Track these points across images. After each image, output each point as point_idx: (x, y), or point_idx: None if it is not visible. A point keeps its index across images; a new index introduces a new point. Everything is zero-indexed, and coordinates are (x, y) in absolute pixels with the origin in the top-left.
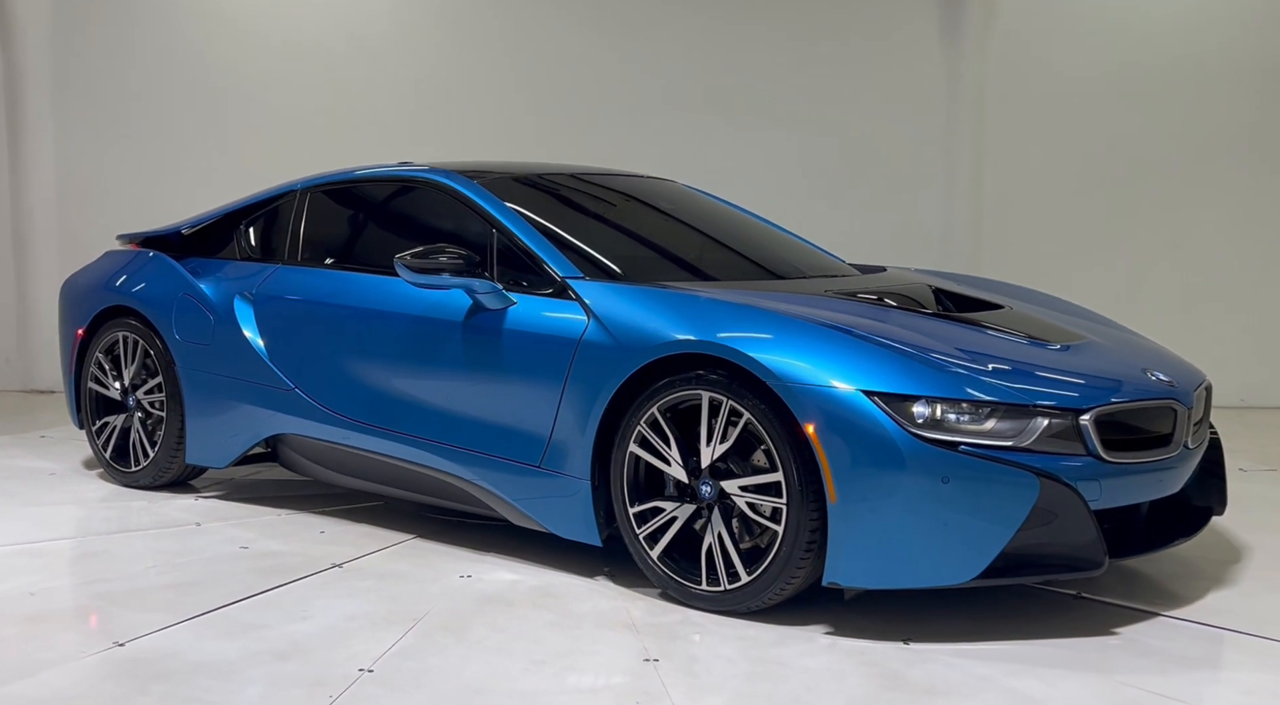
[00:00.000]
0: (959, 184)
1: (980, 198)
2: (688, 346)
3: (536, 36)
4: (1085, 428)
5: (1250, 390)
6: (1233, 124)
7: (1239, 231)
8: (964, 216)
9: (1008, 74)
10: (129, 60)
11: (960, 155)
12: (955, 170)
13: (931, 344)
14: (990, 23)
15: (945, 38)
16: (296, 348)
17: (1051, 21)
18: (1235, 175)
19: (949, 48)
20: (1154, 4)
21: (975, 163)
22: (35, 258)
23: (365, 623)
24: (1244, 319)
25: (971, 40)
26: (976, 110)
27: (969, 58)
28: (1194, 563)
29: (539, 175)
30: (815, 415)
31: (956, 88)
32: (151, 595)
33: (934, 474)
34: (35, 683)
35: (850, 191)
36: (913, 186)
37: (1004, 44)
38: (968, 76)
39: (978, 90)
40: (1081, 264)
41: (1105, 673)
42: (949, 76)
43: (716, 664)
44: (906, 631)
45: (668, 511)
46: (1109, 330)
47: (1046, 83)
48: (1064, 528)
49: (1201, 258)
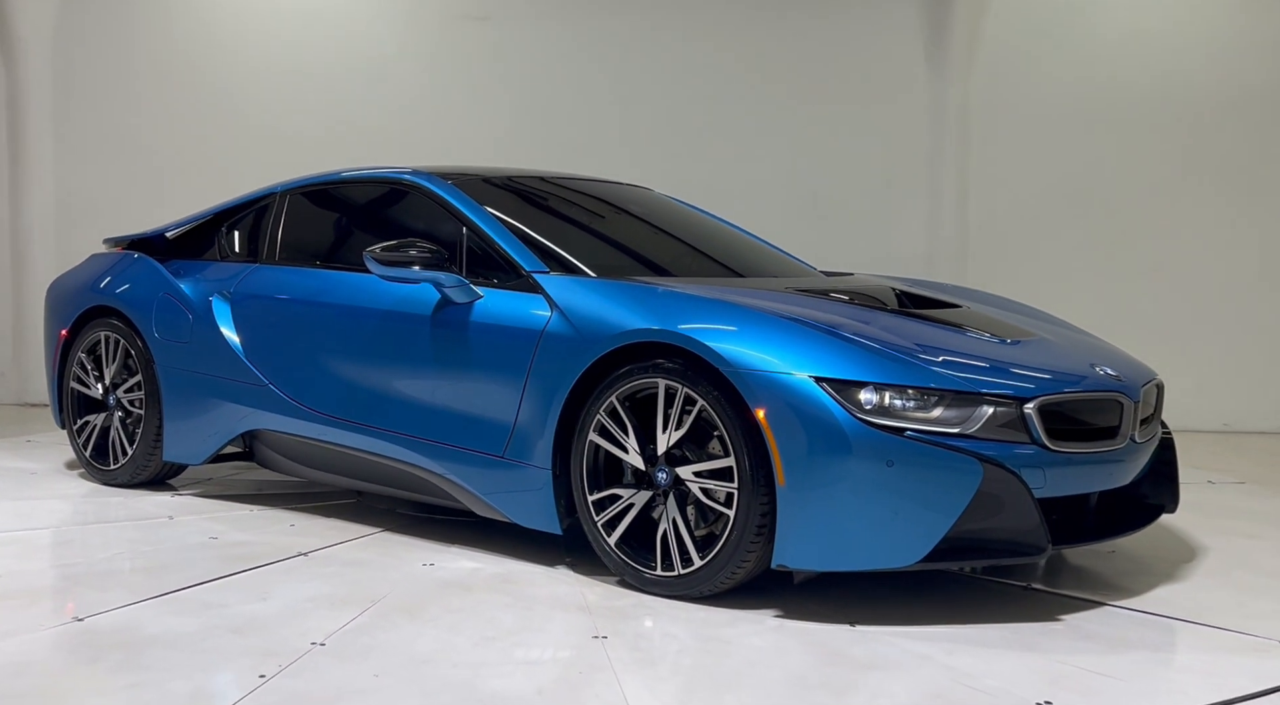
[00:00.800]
0: (944, 206)
1: (965, 219)
2: (646, 335)
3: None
4: (1030, 416)
5: (1234, 415)
6: (1214, 148)
7: (1221, 255)
8: (949, 238)
9: (992, 97)
10: (129, 78)
11: (945, 177)
12: (940, 192)
13: (882, 335)
14: (975, 47)
15: (930, 61)
16: (271, 345)
17: (1035, 46)
18: (1217, 199)
19: (934, 71)
20: (1136, 29)
21: (960, 184)
22: (32, 273)
23: (323, 603)
24: (1227, 343)
25: (956, 64)
26: (961, 133)
27: (954, 81)
28: (1146, 560)
29: (511, 177)
30: (766, 401)
31: (941, 110)
32: (116, 578)
33: (879, 458)
34: None
35: (836, 212)
36: (898, 208)
37: (988, 68)
38: (952, 99)
39: (962, 113)
40: (1064, 286)
41: (1044, 653)
42: (933, 99)
43: (663, 641)
44: (854, 616)
45: (625, 498)
46: (1062, 330)
47: (1030, 106)
48: (1008, 513)
49: (1184, 281)
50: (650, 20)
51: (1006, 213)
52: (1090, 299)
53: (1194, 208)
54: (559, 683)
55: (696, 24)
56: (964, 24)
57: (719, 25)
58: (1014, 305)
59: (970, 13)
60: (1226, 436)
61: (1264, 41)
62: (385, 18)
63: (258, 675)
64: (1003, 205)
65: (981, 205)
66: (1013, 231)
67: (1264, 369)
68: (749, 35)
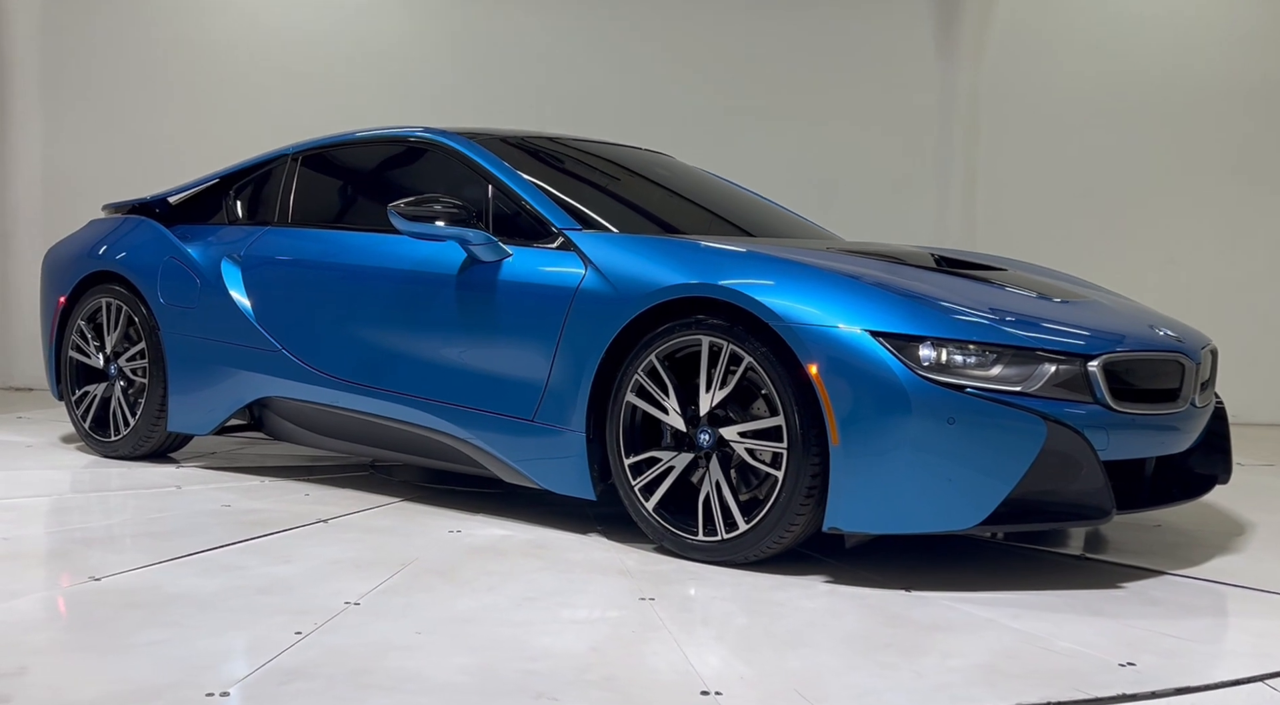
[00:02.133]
0: (952, 197)
1: (973, 215)
2: (688, 291)
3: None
4: (1094, 374)
5: (1246, 408)
6: (1224, 141)
7: (1231, 249)
8: (956, 229)
9: (1002, 86)
10: (117, 54)
11: (953, 169)
12: (949, 183)
13: (936, 292)
14: (984, 38)
15: (940, 52)
16: (284, 309)
17: (1046, 34)
18: (1227, 192)
19: (944, 62)
20: (1146, 21)
21: (968, 176)
22: (18, 253)
23: (350, 566)
24: (1239, 337)
25: (966, 52)
26: (970, 124)
27: (963, 73)
28: (1196, 533)
29: (527, 137)
30: (819, 357)
31: (950, 102)
32: (129, 541)
33: (939, 416)
34: (5, 609)
35: (844, 203)
36: (906, 200)
37: (998, 59)
38: (962, 91)
39: (971, 105)
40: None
41: (1112, 617)
42: (943, 91)
43: (712, 603)
44: (907, 581)
45: (664, 461)
46: (1111, 294)
47: (1040, 95)
48: (1071, 475)
49: (1193, 274)
50: (656, 12)
51: (1015, 203)
52: None
53: (1207, 200)
54: (612, 640)
55: (704, 10)
56: (974, 12)
57: (727, 11)
58: (1053, 272)
59: (980, 4)
60: (1240, 429)
61: (1269, 35)
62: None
63: (293, 632)
64: (1012, 195)
65: (990, 195)
66: (1022, 222)
67: (1273, 362)
68: (757, 22)
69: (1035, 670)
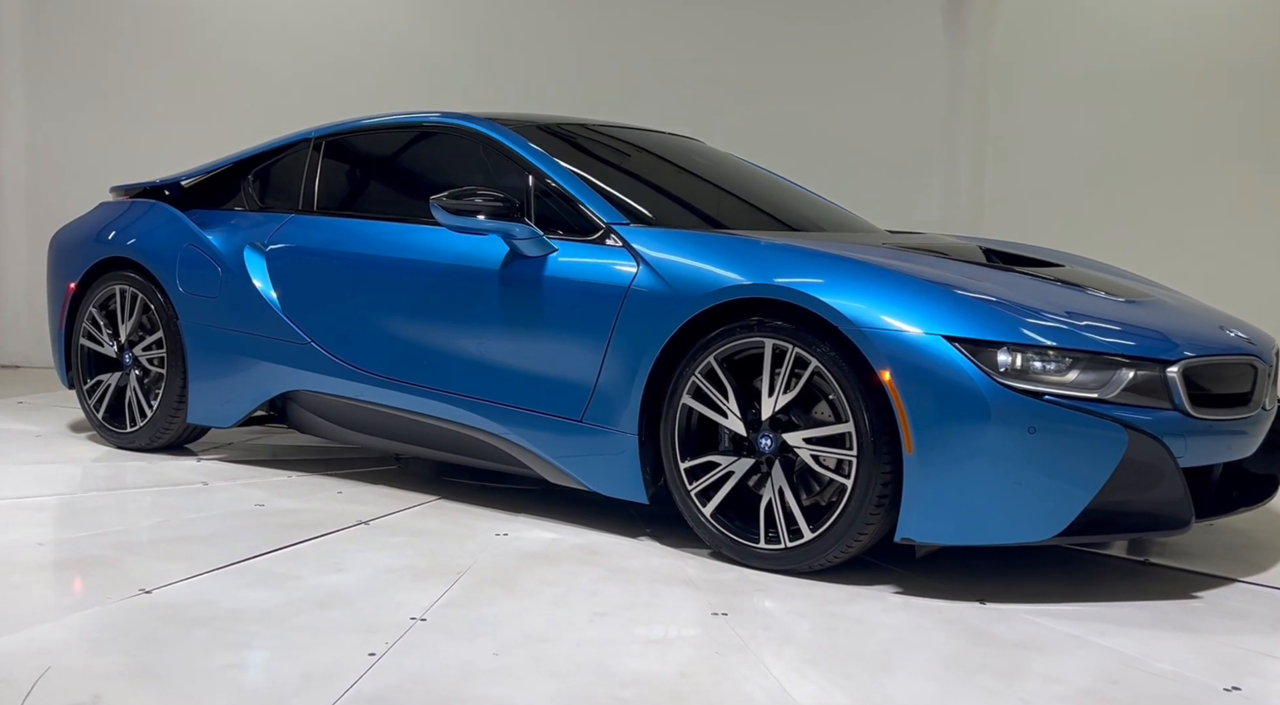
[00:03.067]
0: (960, 176)
1: (981, 194)
2: (750, 291)
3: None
4: (1173, 381)
5: None
6: (1235, 120)
7: (1240, 228)
8: (965, 208)
9: (1010, 63)
10: (102, 29)
11: (962, 147)
12: (957, 162)
13: (1007, 293)
14: (993, 15)
15: (949, 29)
16: (313, 300)
17: (1054, 14)
18: (1237, 171)
19: (952, 39)
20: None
21: (977, 154)
22: (4, 230)
23: (405, 575)
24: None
25: (975, 32)
26: (979, 102)
27: (972, 50)
28: (1252, 533)
29: (562, 124)
30: (892, 362)
31: (959, 80)
32: (170, 547)
33: (1019, 425)
34: (60, 626)
35: (852, 182)
36: (914, 178)
37: (1007, 36)
38: (970, 68)
39: (980, 83)
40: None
41: (1200, 633)
42: (952, 68)
43: (789, 619)
44: (980, 592)
45: (723, 466)
46: (1172, 294)
47: (1049, 75)
48: (1151, 484)
49: (1202, 254)
50: None
51: (1023, 181)
52: None
53: (1215, 178)
54: (698, 663)
55: None
56: None
57: None
58: (1108, 267)
59: None
60: None
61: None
62: None
63: (367, 653)
64: (1020, 173)
65: (998, 173)
66: (1029, 200)
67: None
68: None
69: (1141, 696)
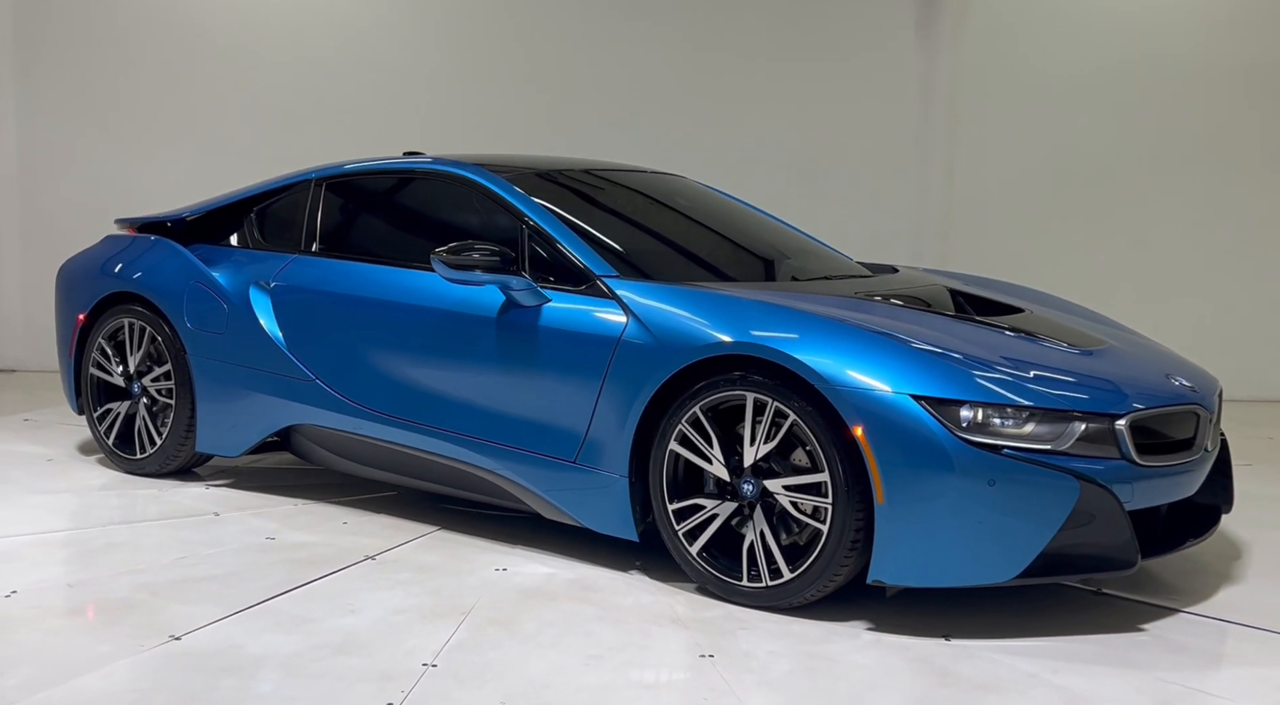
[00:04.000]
0: (932, 178)
1: (951, 196)
2: (733, 348)
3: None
4: (1121, 432)
5: None
6: (1197, 123)
7: (1203, 227)
8: (936, 209)
9: (981, 71)
10: (93, 38)
11: (934, 150)
12: (929, 164)
13: (969, 349)
14: (964, 21)
15: (921, 35)
16: (317, 339)
17: (1024, 21)
18: (1199, 173)
19: (924, 45)
20: (1122, 8)
21: (948, 157)
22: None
23: (414, 616)
24: (1206, 312)
25: (946, 38)
26: (950, 106)
27: (943, 55)
28: (1197, 558)
29: (558, 171)
30: (864, 418)
31: (931, 84)
32: (192, 587)
33: (980, 477)
34: (102, 676)
35: (826, 184)
36: (887, 180)
37: (978, 42)
38: (942, 73)
39: (951, 87)
40: (1049, 257)
41: (1143, 669)
42: (924, 73)
43: (770, 660)
44: (945, 627)
45: (708, 509)
46: (1123, 334)
47: (1018, 80)
48: (1100, 529)
49: (1166, 253)
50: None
51: (994, 184)
52: (1075, 271)
53: (1175, 181)
54: None
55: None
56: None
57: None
58: (1066, 305)
59: None
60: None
61: (1242, 20)
62: None
63: (385, 703)
64: (990, 177)
65: (969, 177)
66: (999, 203)
67: (1239, 338)
68: (740, 10)
69: None
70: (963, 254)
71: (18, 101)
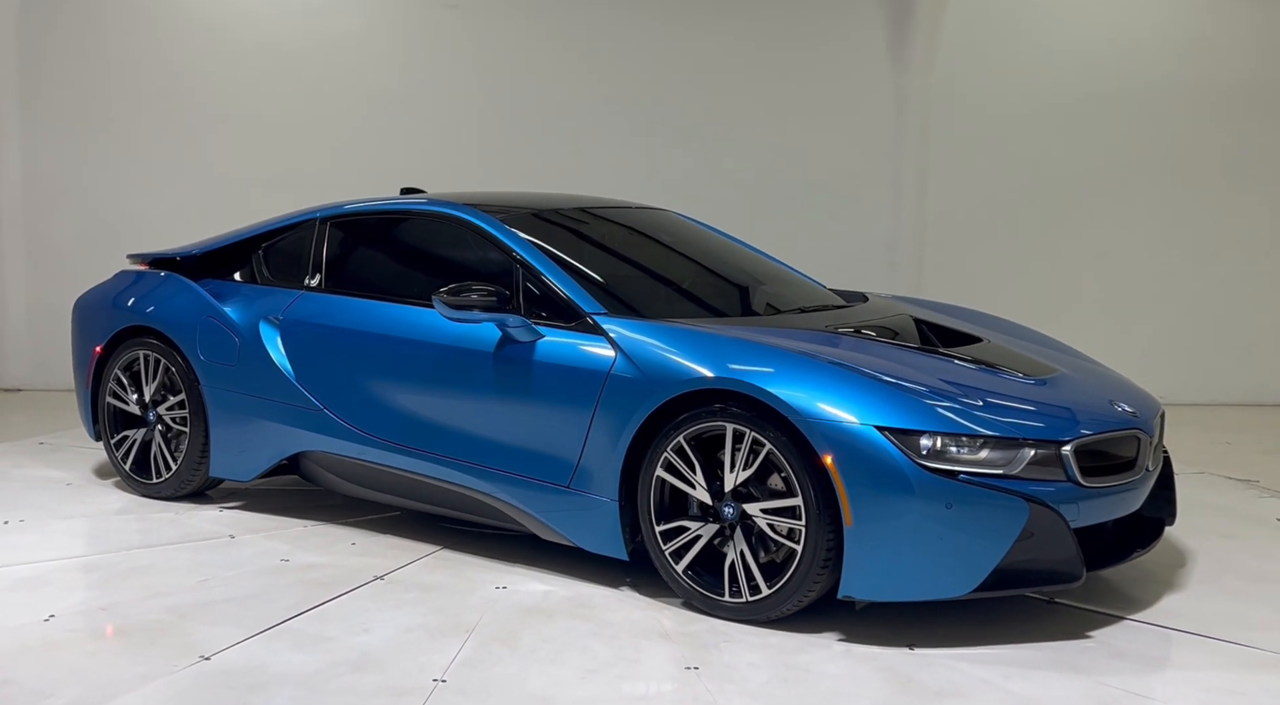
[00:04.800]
0: (905, 199)
1: (924, 211)
2: (715, 383)
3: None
4: (1066, 457)
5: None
6: (1155, 146)
7: (1162, 241)
8: (909, 229)
9: (950, 96)
10: (96, 63)
11: (906, 172)
12: (901, 186)
13: (929, 381)
14: (934, 48)
15: (892, 61)
16: (325, 371)
17: (992, 48)
18: (1157, 193)
19: (896, 70)
20: (1087, 33)
21: (920, 178)
22: (3, 259)
23: (423, 634)
24: (1163, 324)
25: (917, 64)
26: (921, 130)
27: (914, 80)
28: (1145, 567)
29: (549, 210)
30: (833, 447)
31: (903, 109)
32: (215, 609)
33: (939, 500)
34: (141, 696)
35: (802, 205)
36: (861, 201)
37: (947, 69)
38: (913, 98)
39: (922, 111)
40: (1016, 274)
41: (1087, 674)
42: (896, 98)
43: (749, 671)
44: (909, 637)
45: (692, 530)
46: (1074, 360)
47: (986, 102)
48: (1048, 546)
49: (1125, 269)
50: (616, 15)
51: (964, 202)
52: (1041, 284)
53: (1135, 199)
54: None
55: (663, 19)
56: (925, 22)
57: (686, 21)
58: (1022, 331)
59: (931, 11)
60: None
61: (1197, 46)
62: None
63: None
64: (960, 195)
65: (940, 195)
66: (969, 220)
67: (1195, 347)
68: (717, 31)
69: None
70: (934, 270)
71: (22, 128)
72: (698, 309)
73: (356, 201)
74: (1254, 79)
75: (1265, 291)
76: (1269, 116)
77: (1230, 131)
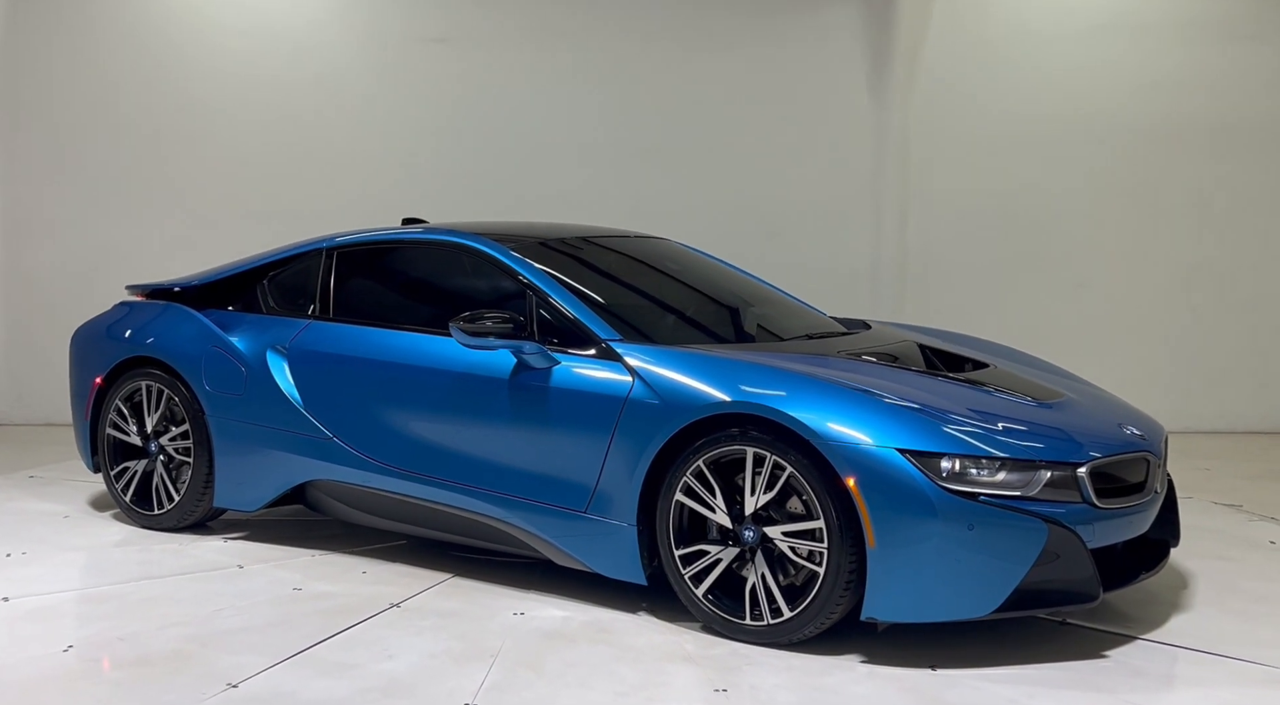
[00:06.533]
0: (886, 227)
1: (905, 239)
2: (734, 407)
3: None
4: (1082, 479)
5: None
6: (1131, 174)
7: (1138, 271)
8: (890, 256)
9: (930, 126)
10: (76, 96)
11: (886, 200)
12: (882, 214)
13: (948, 405)
14: (913, 80)
15: (873, 93)
16: (335, 400)
17: (969, 80)
18: (1133, 220)
19: (876, 102)
20: (1061, 66)
21: (900, 207)
22: None
23: (447, 660)
24: (1137, 350)
25: (897, 96)
26: (901, 159)
27: (894, 111)
28: (1149, 589)
29: (556, 239)
30: (855, 470)
31: (883, 142)
32: (235, 638)
33: (960, 521)
34: None
35: (786, 234)
36: (843, 229)
37: (926, 99)
38: (892, 132)
39: (902, 144)
40: (995, 301)
41: (1108, 693)
42: (876, 131)
43: (777, 693)
44: (931, 658)
45: (712, 554)
46: (1077, 385)
47: (964, 132)
48: (1067, 566)
49: (1104, 295)
50: (601, 49)
51: (943, 232)
52: (1019, 312)
53: (1111, 229)
54: None
55: (646, 53)
56: (903, 56)
57: (669, 55)
58: (1026, 358)
59: (909, 45)
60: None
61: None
62: (344, 37)
63: None
64: (939, 225)
65: (920, 225)
66: (948, 250)
67: (1173, 373)
68: (699, 65)
69: None
70: (915, 296)
71: (4, 159)
72: (707, 336)
73: (363, 231)
74: (1229, 114)
75: (1232, 322)
76: (1241, 150)
77: (1199, 163)
